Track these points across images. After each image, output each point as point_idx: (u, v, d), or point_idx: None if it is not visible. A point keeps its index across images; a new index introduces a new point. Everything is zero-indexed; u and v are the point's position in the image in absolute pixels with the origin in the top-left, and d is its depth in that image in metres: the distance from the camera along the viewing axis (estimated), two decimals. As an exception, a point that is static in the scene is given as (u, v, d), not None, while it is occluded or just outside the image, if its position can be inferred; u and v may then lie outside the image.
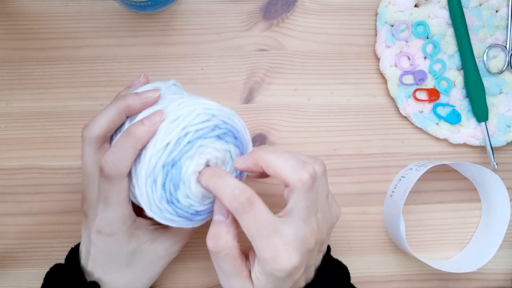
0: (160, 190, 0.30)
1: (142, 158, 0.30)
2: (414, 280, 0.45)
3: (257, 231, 0.28)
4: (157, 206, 0.31)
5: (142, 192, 0.30)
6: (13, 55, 0.44)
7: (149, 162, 0.30)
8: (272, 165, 0.30)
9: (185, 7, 0.44)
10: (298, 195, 0.29)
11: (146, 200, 0.30)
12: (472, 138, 0.45)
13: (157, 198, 0.30)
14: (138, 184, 0.30)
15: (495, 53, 0.45)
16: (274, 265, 0.28)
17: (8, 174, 0.43)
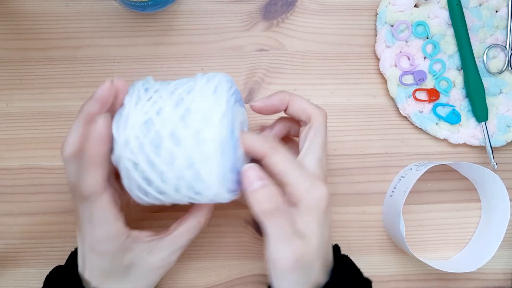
0: (232, 159, 0.30)
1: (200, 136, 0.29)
2: (414, 280, 0.45)
3: (289, 164, 0.31)
4: (228, 177, 0.30)
5: (212, 165, 0.29)
6: (13, 55, 0.44)
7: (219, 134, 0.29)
8: (298, 101, 0.35)
9: (185, 7, 0.44)
10: (318, 128, 0.34)
11: (217, 173, 0.29)
12: (472, 138, 0.45)
13: (228, 168, 0.30)
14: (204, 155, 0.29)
15: (495, 53, 0.45)
16: (314, 193, 0.31)
17: (8, 174, 0.43)
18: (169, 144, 0.29)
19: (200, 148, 0.29)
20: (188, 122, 0.29)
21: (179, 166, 0.29)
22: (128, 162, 0.29)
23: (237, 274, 0.44)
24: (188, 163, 0.29)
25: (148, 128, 0.29)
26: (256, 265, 0.44)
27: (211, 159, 0.29)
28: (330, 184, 0.45)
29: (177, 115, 0.29)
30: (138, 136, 0.29)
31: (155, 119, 0.29)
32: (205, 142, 0.29)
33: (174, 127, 0.29)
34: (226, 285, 0.44)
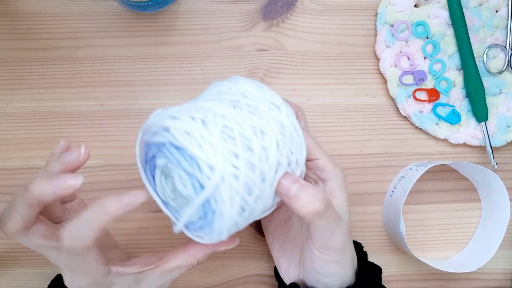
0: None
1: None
2: (413, 280, 0.45)
3: (314, 142, 0.34)
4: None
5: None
6: (13, 55, 0.44)
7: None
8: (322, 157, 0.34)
9: (185, 7, 0.44)
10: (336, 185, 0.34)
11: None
12: (472, 138, 0.45)
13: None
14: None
15: (495, 53, 0.45)
16: (339, 171, 0.34)
17: (8, 174, 0.43)
18: (257, 140, 0.28)
19: (284, 131, 0.29)
20: (258, 114, 0.29)
21: (274, 158, 0.28)
22: (232, 178, 0.26)
23: (237, 274, 0.44)
24: (282, 151, 0.29)
25: (229, 136, 0.27)
26: (256, 265, 0.44)
27: (295, 137, 0.30)
28: (330, 184, 0.45)
29: (245, 113, 0.28)
30: (229, 148, 0.27)
31: (229, 125, 0.28)
32: (284, 123, 0.29)
33: (251, 124, 0.28)
34: (226, 285, 0.44)
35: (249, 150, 0.27)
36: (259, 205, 0.29)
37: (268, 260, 0.44)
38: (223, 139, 0.27)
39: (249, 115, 0.28)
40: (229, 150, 0.27)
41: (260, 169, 0.28)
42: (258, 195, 0.28)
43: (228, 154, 0.27)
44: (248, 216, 0.29)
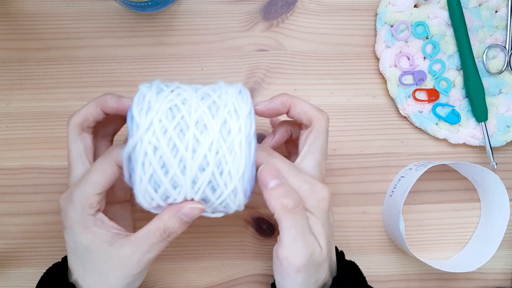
0: (248, 193, 0.31)
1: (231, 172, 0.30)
2: (413, 280, 0.45)
3: (286, 170, 0.32)
4: (248, 175, 0.31)
5: (235, 204, 0.31)
6: (13, 55, 0.44)
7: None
8: (300, 104, 0.34)
9: (185, 7, 0.45)
10: (318, 132, 0.34)
11: (238, 206, 0.31)
12: (471, 138, 0.45)
13: (250, 165, 0.30)
14: (229, 202, 0.31)
15: (495, 53, 0.45)
16: (315, 195, 0.32)
17: (8, 174, 0.43)
18: (194, 130, 0.29)
19: (226, 137, 0.29)
20: (214, 112, 0.29)
21: (202, 154, 0.29)
22: (149, 146, 0.28)
23: (237, 274, 0.44)
24: (212, 151, 0.29)
25: (173, 114, 0.29)
26: (256, 265, 0.44)
27: (236, 149, 0.29)
28: (330, 184, 0.45)
29: (204, 105, 0.30)
30: (162, 120, 0.29)
31: (180, 106, 0.29)
32: (232, 132, 0.29)
33: (201, 115, 0.29)
34: (226, 285, 0.44)
35: (181, 134, 0.29)
36: (178, 192, 0.30)
37: (268, 260, 0.44)
38: (165, 114, 0.29)
39: (205, 109, 0.29)
40: (162, 123, 0.29)
41: (183, 156, 0.29)
42: (175, 181, 0.29)
43: (158, 125, 0.29)
44: (166, 196, 0.30)
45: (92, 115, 0.34)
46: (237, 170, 0.29)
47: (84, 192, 0.32)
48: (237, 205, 0.31)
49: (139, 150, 0.29)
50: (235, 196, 0.30)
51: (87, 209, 0.32)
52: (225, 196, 0.30)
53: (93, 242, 0.32)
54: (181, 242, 0.44)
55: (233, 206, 0.31)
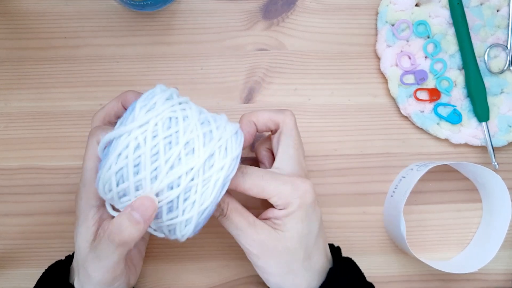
0: (198, 228, 0.31)
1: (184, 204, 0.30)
2: (414, 281, 0.45)
3: (263, 180, 0.32)
4: (208, 212, 0.31)
5: (181, 233, 0.31)
6: (12, 55, 0.44)
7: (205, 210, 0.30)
8: (261, 115, 0.35)
9: (184, 6, 0.44)
10: (287, 131, 0.35)
11: (182, 236, 0.31)
12: (473, 138, 0.45)
13: (214, 205, 0.31)
14: (177, 228, 0.31)
15: (496, 53, 0.45)
16: (298, 192, 0.32)
17: (7, 174, 0.43)
18: (181, 149, 0.29)
19: (207, 169, 0.30)
20: (207, 141, 0.30)
21: (178, 174, 0.29)
22: (133, 141, 0.29)
23: (237, 274, 0.44)
24: (188, 176, 0.29)
25: (169, 125, 0.29)
26: (256, 266, 0.44)
27: (211, 184, 0.30)
28: (331, 184, 0.45)
29: (201, 130, 0.30)
30: (158, 124, 0.29)
31: (180, 121, 0.30)
32: (214, 167, 0.30)
33: (194, 138, 0.30)
34: (226, 285, 0.44)
35: (169, 146, 0.29)
36: (137, 196, 0.29)
37: (268, 260, 0.44)
38: (163, 121, 0.29)
39: (200, 134, 0.30)
40: (157, 127, 0.29)
41: (160, 166, 0.29)
42: (140, 184, 0.29)
43: (152, 127, 0.29)
44: (124, 194, 0.30)
45: (114, 109, 0.35)
46: (201, 204, 0.30)
47: (83, 181, 0.33)
48: (181, 234, 0.31)
49: (123, 141, 0.29)
50: (185, 226, 0.30)
51: (90, 201, 0.33)
52: (176, 222, 0.30)
53: (82, 246, 0.33)
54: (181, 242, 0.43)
55: (178, 234, 0.31)
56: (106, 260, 0.31)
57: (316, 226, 0.34)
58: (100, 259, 0.31)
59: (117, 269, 0.32)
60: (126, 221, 0.29)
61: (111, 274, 0.32)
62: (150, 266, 0.43)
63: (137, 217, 0.29)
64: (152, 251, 0.43)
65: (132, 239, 0.30)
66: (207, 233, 0.44)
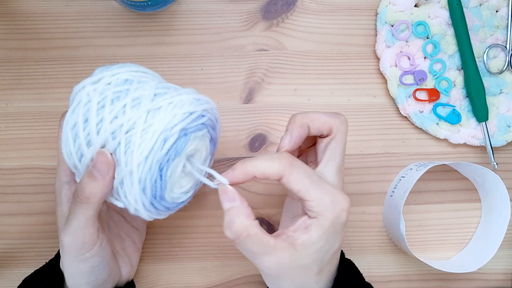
0: (149, 195, 0.29)
1: (128, 163, 0.29)
2: (414, 280, 0.45)
3: (309, 180, 0.30)
4: (145, 208, 0.30)
5: (131, 195, 0.29)
6: (13, 55, 0.44)
7: (137, 170, 0.29)
8: (317, 118, 0.33)
9: (185, 7, 0.44)
10: (340, 138, 0.33)
11: (138, 204, 0.30)
12: (472, 138, 0.45)
13: (147, 201, 0.30)
14: (126, 188, 0.29)
15: (495, 53, 0.45)
16: (336, 208, 0.30)
17: (8, 174, 0.43)
18: (128, 102, 0.29)
19: (148, 121, 0.29)
20: (156, 99, 0.30)
21: (119, 123, 0.29)
22: (85, 96, 0.30)
23: (237, 274, 0.44)
24: (128, 125, 0.29)
25: (124, 85, 0.30)
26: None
27: (148, 135, 0.28)
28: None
29: (153, 90, 0.30)
30: (111, 83, 0.30)
31: (135, 83, 0.30)
32: (156, 118, 0.29)
33: (143, 95, 0.29)
34: (226, 285, 0.44)
35: (116, 99, 0.29)
36: (91, 152, 0.29)
37: (268, 260, 0.44)
38: (118, 80, 0.30)
39: (151, 93, 0.30)
40: (110, 85, 0.30)
41: (104, 117, 0.29)
42: (90, 139, 0.29)
43: (104, 84, 0.30)
44: (81, 155, 0.30)
45: None
46: (140, 153, 0.28)
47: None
48: (133, 198, 0.29)
49: (77, 97, 0.30)
50: (131, 184, 0.29)
51: (62, 178, 0.33)
52: (122, 176, 0.29)
53: (59, 226, 0.34)
54: (181, 242, 0.44)
55: (130, 198, 0.30)
56: (74, 222, 0.31)
57: (337, 244, 0.32)
58: (68, 223, 0.31)
59: (86, 233, 0.31)
60: (86, 178, 0.30)
61: (80, 239, 0.31)
62: (150, 266, 0.43)
63: (95, 173, 0.29)
64: (152, 250, 0.43)
65: (94, 195, 0.30)
66: (207, 232, 0.44)
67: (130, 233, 0.39)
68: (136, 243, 0.40)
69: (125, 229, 0.39)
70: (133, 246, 0.39)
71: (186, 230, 0.44)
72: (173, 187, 0.31)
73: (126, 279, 0.38)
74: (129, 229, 0.40)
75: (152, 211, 0.30)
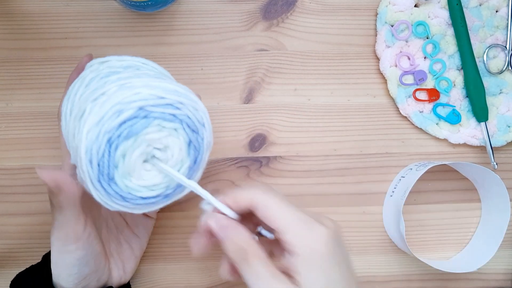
0: (95, 169, 0.28)
1: (80, 132, 0.28)
2: (414, 280, 0.45)
3: (278, 209, 0.28)
4: (93, 185, 0.28)
5: (82, 169, 0.28)
6: (13, 55, 0.44)
7: (86, 137, 0.27)
8: (272, 212, 0.29)
9: (185, 7, 0.44)
10: (311, 267, 0.27)
11: (86, 177, 0.28)
12: (472, 138, 0.45)
13: (94, 176, 0.28)
14: (78, 159, 0.28)
15: (495, 53, 0.45)
16: (310, 236, 0.27)
17: (8, 174, 0.43)
18: (110, 80, 0.30)
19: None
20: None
21: (91, 92, 0.29)
22: (85, 72, 0.32)
23: (237, 274, 0.44)
24: (95, 97, 0.29)
25: (124, 68, 0.32)
26: (256, 265, 0.44)
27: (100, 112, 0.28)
28: (330, 184, 0.45)
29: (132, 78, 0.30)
30: (93, 71, 0.32)
31: (133, 69, 0.32)
32: (110, 99, 0.28)
33: (126, 78, 0.29)
34: (226, 285, 0.44)
35: (102, 78, 0.30)
36: (76, 142, 0.29)
37: (268, 260, 0.44)
38: (109, 67, 0.32)
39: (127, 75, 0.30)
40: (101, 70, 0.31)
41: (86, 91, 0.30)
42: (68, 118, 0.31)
43: (95, 70, 0.32)
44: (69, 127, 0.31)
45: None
46: (91, 121, 0.28)
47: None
48: (82, 169, 0.28)
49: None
50: (80, 152, 0.28)
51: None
52: (76, 144, 0.29)
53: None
54: (181, 242, 0.44)
55: (80, 171, 0.29)
56: (55, 214, 0.32)
57: (338, 276, 0.27)
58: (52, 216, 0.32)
59: (68, 226, 0.32)
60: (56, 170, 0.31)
61: (63, 231, 0.32)
62: (150, 266, 0.43)
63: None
64: (152, 250, 0.43)
65: (60, 180, 0.30)
66: (207, 232, 0.44)
67: (129, 239, 0.39)
68: (134, 250, 0.39)
69: (125, 234, 0.39)
70: (129, 252, 0.39)
71: (186, 230, 0.44)
72: (129, 174, 0.29)
73: (118, 283, 0.38)
74: (129, 235, 0.39)
75: (101, 192, 0.29)
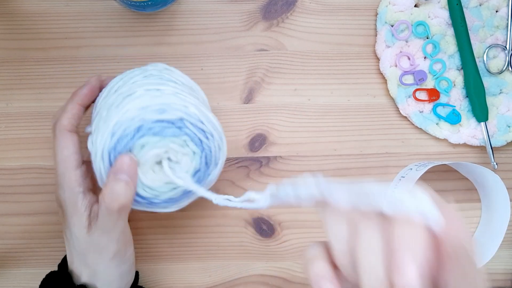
0: (113, 142, 0.31)
1: (120, 106, 0.32)
2: (414, 280, 0.45)
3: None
4: (102, 155, 0.32)
5: (102, 137, 0.31)
6: (13, 55, 0.44)
7: (124, 112, 0.31)
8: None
9: (185, 7, 0.44)
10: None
11: (99, 146, 0.32)
12: (472, 138, 0.45)
13: (107, 147, 0.31)
14: (102, 128, 0.32)
15: (495, 53, 0.45)
16: None
17: (8, 174, 0.43)
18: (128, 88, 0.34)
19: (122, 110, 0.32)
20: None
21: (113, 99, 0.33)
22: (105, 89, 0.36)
23: (237, 274, 0.44)
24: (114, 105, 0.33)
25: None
26: (257, 266, 0.44)
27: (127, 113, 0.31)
28: (330, 184, 0.44)
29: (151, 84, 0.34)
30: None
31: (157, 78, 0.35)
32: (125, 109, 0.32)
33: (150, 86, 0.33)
34: (226, 285, 0.44)
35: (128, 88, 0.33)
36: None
37: (268, 260, 0.44)
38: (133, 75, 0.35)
39: (152, 83, 0.34)
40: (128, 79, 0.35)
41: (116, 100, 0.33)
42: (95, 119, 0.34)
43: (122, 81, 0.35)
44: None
45: (78, 115, 0.35)
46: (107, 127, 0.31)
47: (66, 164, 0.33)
48: (105, 138, 0.31)
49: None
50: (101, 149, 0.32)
51: (74, 189, 0.33)
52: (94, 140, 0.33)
53: (80, 235, 0.33)
54: (181, 242, 0.44)
55: (97, 144, 0.32)
56: (114, 230, 0.31)
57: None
58: (107, 232, 0.31)
59: (127, 235, 0.32)
60: (116, 185, 0.30)
61: (122, 243, 0.32)
62: (150, 266, 0.43)
63: (124, 178, 0.30)
64: (152, 250, 0.43)
65: (129, 200, 0.30)
66: (208, 232, 0.44)
67: None
68: None
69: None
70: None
71: (186, 230, 0.44)
72: (137, 165, 0.32)
73: None
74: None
75: (105, 164, 0.32)
